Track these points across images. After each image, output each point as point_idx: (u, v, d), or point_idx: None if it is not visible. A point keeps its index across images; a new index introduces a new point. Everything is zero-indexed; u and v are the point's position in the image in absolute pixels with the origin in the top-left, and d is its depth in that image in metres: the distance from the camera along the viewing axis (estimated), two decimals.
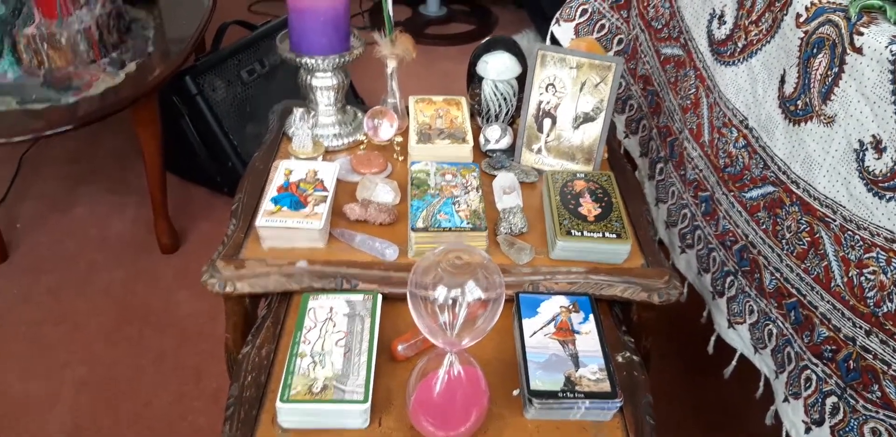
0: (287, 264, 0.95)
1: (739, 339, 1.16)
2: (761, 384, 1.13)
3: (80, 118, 1.56)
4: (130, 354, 1.56)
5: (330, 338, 0.86)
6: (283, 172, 1.07)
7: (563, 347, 0.87)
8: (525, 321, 0.91)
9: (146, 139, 1.75)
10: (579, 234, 0.99)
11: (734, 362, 1.17)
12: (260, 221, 0.97)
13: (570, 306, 0.93)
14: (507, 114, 1.25)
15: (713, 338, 1.24)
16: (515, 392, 0.85)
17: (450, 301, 0.68)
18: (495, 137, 1.21)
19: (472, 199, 1.03)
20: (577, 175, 1.11)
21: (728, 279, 1.18)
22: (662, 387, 1.36)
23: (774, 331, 1.07)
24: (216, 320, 1.53)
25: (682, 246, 1.32)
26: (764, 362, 1.11)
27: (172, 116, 1.92)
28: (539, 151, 1.18)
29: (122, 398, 1.46)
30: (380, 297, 0.93)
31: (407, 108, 1.27)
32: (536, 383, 0.82)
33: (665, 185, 1.39)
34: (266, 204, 1.01)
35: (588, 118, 1.13)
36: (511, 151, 1.21)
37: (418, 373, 0.78)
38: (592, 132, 1.14)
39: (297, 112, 1.14)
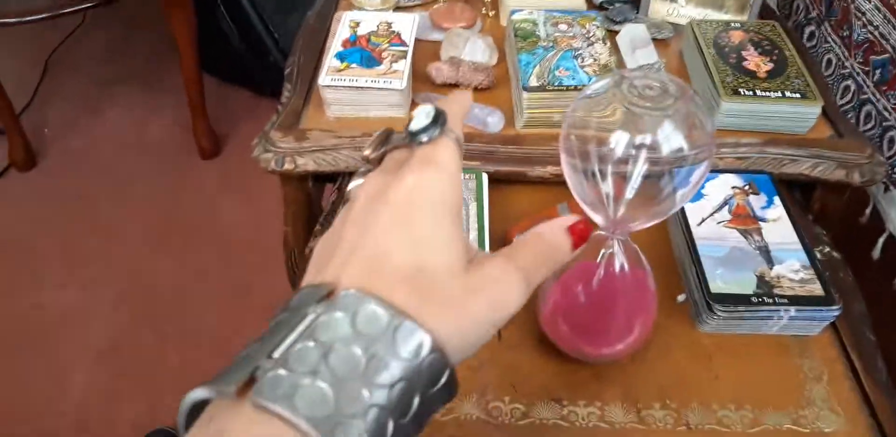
0: (362, 136, 0.72)
1: None
2: None
3: None
4: (172, 267, 1.38)
5: None
6: (349, 24, 0.83)
7: (746, 238, 0.63)
8: (687, 206, 0.67)
9: (179, 28, 1.51)
10: (750, 93, 0.73)
11: None
12: (324, 79, 0.74)
13: (746, 187, 0.69)
14: None
15: (881, 239, 0.98)
16: (681, 298, 0.63)
17: (632, 151, 0.44)
18: None
19: (600, 51, 0.77)
20: (732, 25, 0.84)
21: None
22: None
23: None
24: (262, 229, 1.34)
25: None
26: None
27: (208, 7, 1.68)
28: None
29: (163, 314, 1.29)
30: (485, 176, 0.69)
31: None
32: (718, 284, 0.59)
33: (818, 52, 1.10)
34: (330, 61, 0.77)
35: None
36: (633, 2, 0.94)
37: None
38: None
39: None
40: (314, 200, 0.76)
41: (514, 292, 0.29)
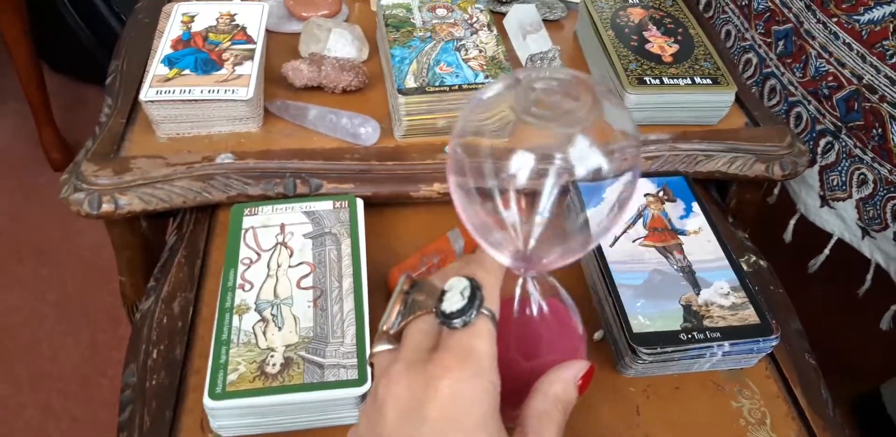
0: (201, 161, 0.58)
1: (839, 220, 0.87)
2: (869, 276, 0.85)
3: None
4: (25, 298, 1.21)
5: (286, 277, 0.51)
6: (181, 18, 0.68)
7: (667, 257, 0.55)
8: (596, 224, 0.57)
9: (3, 19, 1.29)
10: (657, 81, 0.64)
11: (827, 251, 0.88)
12: (147, 93, 0.59)
13: (660, 193, 0.60)
14: None
15: (792, 222, 0.94)
16: (598, 335, 0.53)
17: (546, 177, 0.34)
18: None
19: (486, 41, 0.66)
20: (629, 1, 0.75)
21: (823, 142, 0.87)
22: None
23: None
24: None
25: None
26: (877, 248, 0.83)
27: None
28: None
29: (18, 354, 1.13)
30: (360, 202, 0.57)
31: None
32: (640, 320, 0.50)
33: (716, 24, 1.03)
34: (156, 68, 0.62)
35: None
36: None
37: None
38: None
39: None
40: (152, 242, 0.62)
41: None
